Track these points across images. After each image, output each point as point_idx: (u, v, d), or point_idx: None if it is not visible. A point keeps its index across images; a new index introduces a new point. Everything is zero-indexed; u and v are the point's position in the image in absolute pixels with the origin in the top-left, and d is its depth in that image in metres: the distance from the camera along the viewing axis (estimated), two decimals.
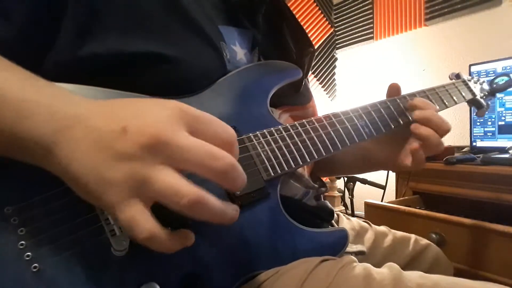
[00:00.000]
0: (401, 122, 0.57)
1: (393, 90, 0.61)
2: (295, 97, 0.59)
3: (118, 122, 0.28)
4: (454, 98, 0.68)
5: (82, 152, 0.28)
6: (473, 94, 0.74)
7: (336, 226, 0.70)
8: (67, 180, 0.30)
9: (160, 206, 0.28)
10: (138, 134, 0.28)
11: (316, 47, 2.15)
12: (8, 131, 0.29)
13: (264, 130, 0.45)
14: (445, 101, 0.66)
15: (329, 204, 0.60)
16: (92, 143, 0.28)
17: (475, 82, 0.77)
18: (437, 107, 0.61)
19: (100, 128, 0.29)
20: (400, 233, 0.71)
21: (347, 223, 0.71)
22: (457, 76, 0.76)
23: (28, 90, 0.30)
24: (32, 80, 0.32)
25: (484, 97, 0.77)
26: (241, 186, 0.30)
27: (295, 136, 0.47)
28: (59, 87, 0.33)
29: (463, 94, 0.71)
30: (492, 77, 0.81)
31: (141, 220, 0.27)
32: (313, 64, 0.64)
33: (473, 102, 0.76)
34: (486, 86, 0.79)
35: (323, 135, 0.49)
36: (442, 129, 0.56)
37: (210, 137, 0.30)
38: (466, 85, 0.74)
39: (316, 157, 0.47)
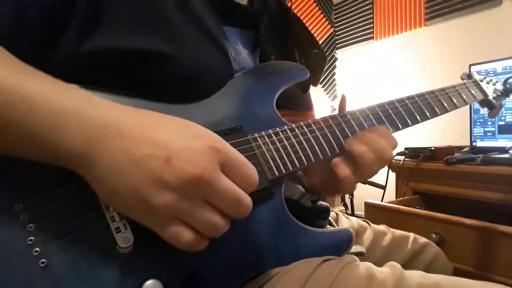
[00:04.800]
0: (410, 123, 0.56)
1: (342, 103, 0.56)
2: (297, 102, 0.59)
3: (161, 148, 0.31)
4: (465, 98, 0.66)
5: (120, 166, 0.30)
6: (485, 94, 0.72)
7: (334, 223, 0.70)
8: (99, 189, 0.32)
9: None
10: (182, 169, 0.30)
11: None
12: (40, 140, 0.30)
13: (270, 130, 0.45)
14: (455, 101, 0.64)
15: (323, 202, 0.60)
16: (131, 160, 0.30)
17: (488, 82, 0.75)
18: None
19: (140, 148, 0.31)
20: (399, 232, 0.71)
21: (346, 222, 0.71)
22: (469, 76, 0.74)
23: (56, 98, 0.31)
24: (58, 86, 0.33)
25: (497, 97, 0.75)
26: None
27: (300, 135, 0.46)
28: (83, 92, 0.34)
29: (474, 94, 0.70)
30: (508, 77, 0.78)
31: (185, 235, 0.31)
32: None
33: (485, 103, 0.75)
34: (499, 86, 0.77)
35: (328, 134, 0.48)
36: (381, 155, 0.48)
37: (237, 177, 0.33)
38: (478, 85, 0.72)
39: (321, 157, 0.47)
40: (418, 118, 0.57)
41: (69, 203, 0.34)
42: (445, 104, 0.61)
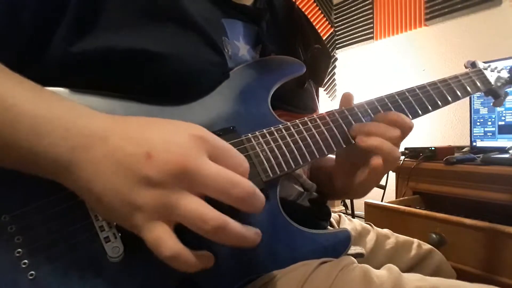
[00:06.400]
0: (410, 116, 0.54)
1: (345, 100, 0.54)
2: (299, 104, 0.57)
3: (142, 145, 0.29)
4: (468, 88, 0.64)
5: (104, 173, 0.29)
6: (489, 83, 0.69)
7: (336, 225, 0.69)
8: (86, 198, 0.31)
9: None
10: (164, 161, 0.29)
11: None
12: (25, 149, 0.30)
13: (264, 130, 0.44)
14: (458, 92, 0.61)
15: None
16: (114, 164, 0.29)
17: (492, 71, 0.72)
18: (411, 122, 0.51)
19: (122, 150, 0.29)
20: (403, 237, 0.70)
21: (349, 224, 0.71)
22: (473, 64, 0.71)
23: (41, 107, 0.31)
24: (44, 95, 0.32)
25: (502, 86, 0.72)
26: (259, 210, 0.31)
27: (296, 134, 0.45)
28: (70, 100, 0.33)
29: (479, 84, 0.67)
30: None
31: (167, 240, 0.29)
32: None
33: (490, 92, 0.72)
34: (504, 74, 0.73)
35: (325, 131, 0.47)
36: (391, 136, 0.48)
37: (227, 165, 0.31)
38: (482, 74, 0.69)
39: (318, 156, 0.45)
40: (420, 111, 0.55)
41: (58, 213, 0.33)
42: (448, 96, 0.59)
